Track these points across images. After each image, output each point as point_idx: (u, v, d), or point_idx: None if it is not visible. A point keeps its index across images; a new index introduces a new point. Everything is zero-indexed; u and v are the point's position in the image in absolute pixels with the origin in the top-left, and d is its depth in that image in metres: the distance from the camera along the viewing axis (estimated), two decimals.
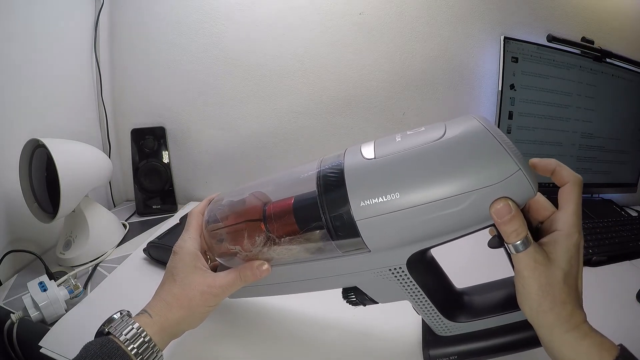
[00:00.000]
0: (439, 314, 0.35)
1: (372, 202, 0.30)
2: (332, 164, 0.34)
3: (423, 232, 0.30)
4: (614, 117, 0.92)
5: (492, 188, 0.27)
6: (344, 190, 0.31)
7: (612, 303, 0.51)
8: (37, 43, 0.70)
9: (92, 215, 0.67)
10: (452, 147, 0.29)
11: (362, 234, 0.31)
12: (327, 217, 0.32)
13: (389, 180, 0.29)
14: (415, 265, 0.34)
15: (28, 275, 0.59)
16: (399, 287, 0.35)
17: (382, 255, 0.33)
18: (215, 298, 0.36)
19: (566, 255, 0.28)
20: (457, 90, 0.91)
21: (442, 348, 0.37)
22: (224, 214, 0.39)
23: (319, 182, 0.33)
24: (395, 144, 0.32)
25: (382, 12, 0.86)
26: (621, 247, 0.67)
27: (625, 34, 0.93)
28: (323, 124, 0.92)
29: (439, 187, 0.28)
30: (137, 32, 0.88)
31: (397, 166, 0.30)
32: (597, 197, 0.99)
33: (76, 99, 0.83)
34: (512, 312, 0.34)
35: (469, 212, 0.28)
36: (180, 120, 0.93)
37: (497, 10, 0.86)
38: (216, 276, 0.37)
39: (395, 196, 0.29)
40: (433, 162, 0.29)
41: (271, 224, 0.36)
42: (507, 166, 0.27)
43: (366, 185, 0.30)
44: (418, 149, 0.30)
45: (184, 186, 0.97)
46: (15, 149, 0.59)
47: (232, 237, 0.38)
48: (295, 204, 0.35)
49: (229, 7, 0.85)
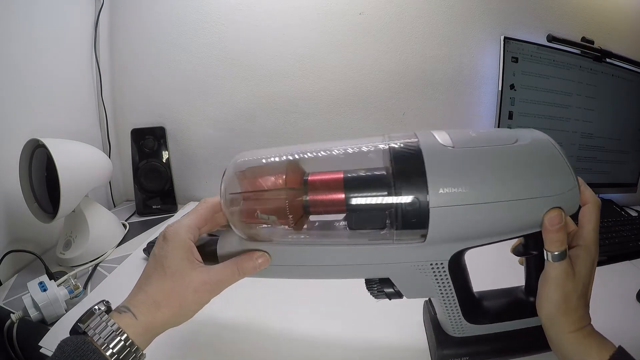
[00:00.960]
0: (460, 314, 0.35)
1: (450, 191, 0.28)
2: (403, 142, 0.31)
3: (482, 230, 0.30)
4: (614, 117, 0.92)
5: (552, 198, 0.29)
6: (424, 173, 0.29)
7: (612, 303, 0.51)
8: (37, 43, 0.70)
9: (92, 215, 0.67)
10: (526, 154, 0.30)
11: (431, 222, 0.29)
12: (398, 200, 0.29)
13: (470, 172, 0.29)
14: (452, 264, 0.33)
15: (28, 275, 0.59)
16: (433, 283, 0.34)
17: (431, 249, 0.32)
18: (209, 295, 0.33)
19: (586, 269, 0.31)
20: (457, 90, 0.91)
21: (455, 348, 0.37)
22: (258, 176, 0.33)
23: (392, 158, 0.30)
24: (470, 137, 0.31)
25: (382, 12, 0.86)
26: (621, 247, 0.67)
27: (625, 34, 0.93)
28: (323, 124, 0.92)
29: (511, 188, 0.29)
30: (137, 32, 0.88)
31: (478, 159, 0.30)
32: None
33: (76, 99, 0.83)
34: (524, 319, 0.36)
35: (525, 217, 0.30)
36: (180, 120, 0.93)
37: (497, 10, 0.86)
38: (211, 270, 0.33)
39: (473, 189, 0.28)
40: (510, 163, 0.30)
41: (313, 198, 0.31)
42: (568, 180, 0.29)
43: (447, 172, 0.29)
44: (496, 148, 0.30)
45: (184, 186, 0.97)
46: (15, 149, 0.59)
47: (266, 204, 0.32)
48: (349, 180, 0.31)
49: (229, 7, 0.85)
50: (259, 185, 0.33)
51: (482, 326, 0.36)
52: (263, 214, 0.32)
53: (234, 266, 0.33)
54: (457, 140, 0.31)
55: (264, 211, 0.32)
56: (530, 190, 0.29)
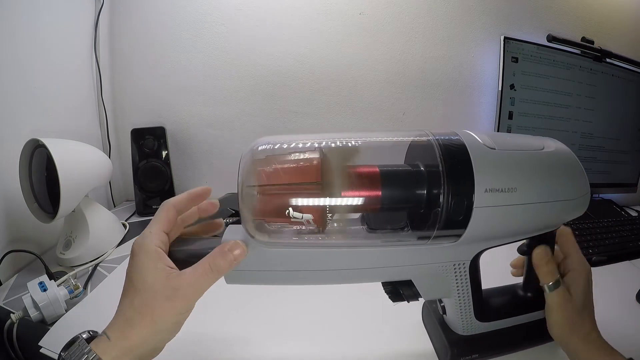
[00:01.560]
0: (472, 313, 0.36)
1: (495, 191, 0.29)
2: (449, 140, 0.30)
3: (510, 230, 0.32)
4: (614, 117, 0.92)
5: (572, 201, 0.32)
6: (471, 170, 0.28)
7: (612, 303, 0.51)
8: (37, 43, 0.70)
9: (92, 215, 0.67)
10: (554, 160, 0.32)
11: (472, 222, 0.29)
12: (447, 199, 0.28)
13: (512, 173, 0.30)
14: (472, 264, 0.34)
15: (28, 275, 0.59)
16: (453, 283, 0.34)
17: (459, 249, 0.32)
18: (185, 302, 0.29)
19: (582, 289, 0.35)
20: (457, 90, 0.91)
21: (466, 346, 0.38)
22: (285, 168, 0.29)
23: (441, 156, 0.29)
24: (505, 140, 0.32)
25: (382, 12, 0.86)
26: (621, 247, 0.67)
27: (625, 34, 0.93)
28: (323, 123, 0.92)
29: (545, 191, 0.31)
30: (137, 32, 0.88)
31: (518, 163, 0.31)
32: (597, 197, 0.99)
33: (76, 99, 0.83)
34: (526, 315, 0.38)
35: (547, 218, 0.32)
36: (180, 120, 0.93)
37: (497, 10, 0.87)
38: (182, 274, 0.29)
39: (513, 190, 0.29)
40: (544, 168, 0.32)
41: (346, 194, 0.29)
42: (585, 186, 0.32)
43: (491, 172, 0.29)
44: (531, 153, 0.32)
45: (184, 186, 0.97)
46: (15, 149, 0.59)
47: (296, 201, 0.28)
48: (388, 175, 0.30)
49: (229, 7, 0.85)
50: (289, 178, 0.28)
51: (489, 323, 0.37)
52: (296, 211, 0.28)
53: (205, 265, 0.29)
54: (498, 143, 0.31)
55: (296, 209, 0.28)
56: (557, 194, 0.31)
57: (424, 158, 0.31)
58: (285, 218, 0.28)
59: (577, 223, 0.74)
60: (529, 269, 0.38)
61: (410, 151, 0.33)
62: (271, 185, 0.28)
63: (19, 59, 0.66)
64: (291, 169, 0.28)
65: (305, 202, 0.28)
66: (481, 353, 0.38)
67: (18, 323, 0.47)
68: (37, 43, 0.70)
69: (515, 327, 0.38)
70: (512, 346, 0.39)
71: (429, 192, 0.29)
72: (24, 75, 0.67)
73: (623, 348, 0.33)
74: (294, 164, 0.29)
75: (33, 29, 0.68)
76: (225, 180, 0.96)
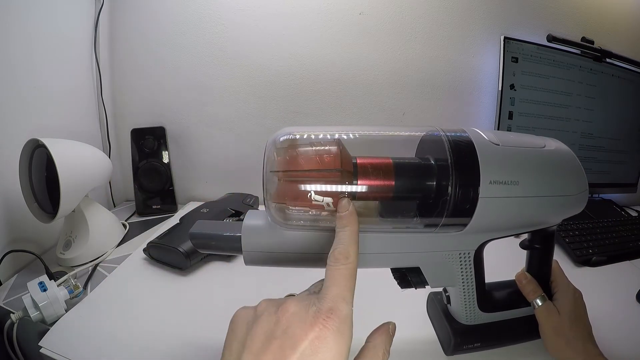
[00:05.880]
0: (476, 302, 0.38)
1: (498, 183, 0.31)
2: (454, 134, 0.32)
3: (513, 222, 0.34)
4: (614, 117, 0.92)
5: (572, 197, 0.34)
6: (477, 164, 0.31)
7: (612, 303, 0.51)
8: (37, 43, 0.70)
9: (92, 215, 0.67)
10: (556, 157, 0.34)
11: (477, 212, 0.31)
12: (454, 189, 0.30)
13: (515, 167, 0.32)
14: (476, 255, 0.36)
15: (28, 275, 0.59)
16: (458, 271, 0.36)
17: (465, 238, 0.34)
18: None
19: (569, 305, 0.38)
20: (457, 90, 0.91)
21: (469, 335, 0.39)
22: (306, 156, 0.30)
23: (449, 149, 0.31)
24: (509, 138, 0.34)
25: (382, 12, 0.86)
26: (621, 247, 0.68)
27: (625, 34, 0.93)
28: (323, 123, 0.92)
29: (546, 186, 0.33)
30: (137, 32, 0.88)
31: (521, 158, 0.33)
32: (597, 197, 0.99)
33: (76, 99, 0.83)
34: (526, 308, 0.40)
35: (548, 212, 0.34)
36: (180, 120, 0.93)
37: (497, 11, 0.87)
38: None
39: (516, 183, 0.31)
40: (546, 164, 0.34)
41: (362, 182, 0.30)
42: (584, 183, 0.35)
43: (495, 165, 0.31)
44: (534, 150, 0.34)
45: (184, 186, 0.97)
46: (15, 149, 0.59)
47: (320, 185, 0.29)
48: (400, 166, 0.31)
49: (229, 8, 0.85)
50: (311, 164, 0.30)
51: (492, 314, 0.39)
52: (318, 195, 0.29)
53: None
54: (501, 139, 0.33)
55: (319, 193, 0.29)
56: (556, 189, 0.33)
57: (434, 152, 0.32)
58: (306, 201, 0.29)
59: (577, 223, 0.74)
60: (530, 262, 0.41)
61: (421, 145, 0.35)
62: (294, 171, 0.30)
63: (19, 59, 0.66)
64: (312, 157, 0.30)
65: (326, 188, 0.30)
66: (483, 342, 0.40)
67: (18, 323, 0.47)
68: (37, 43, 0.70)
69: (517, 319, 0.40)
70: (513, 337, 0.41)
71: (439, 183, 0.31)
72: (24, 75, 0.67)
73: (623, 348, 0.33)
74: (314, 154, 0.30)
75: (33, 29, 0.68)
76: (225, 180, 0.97)
